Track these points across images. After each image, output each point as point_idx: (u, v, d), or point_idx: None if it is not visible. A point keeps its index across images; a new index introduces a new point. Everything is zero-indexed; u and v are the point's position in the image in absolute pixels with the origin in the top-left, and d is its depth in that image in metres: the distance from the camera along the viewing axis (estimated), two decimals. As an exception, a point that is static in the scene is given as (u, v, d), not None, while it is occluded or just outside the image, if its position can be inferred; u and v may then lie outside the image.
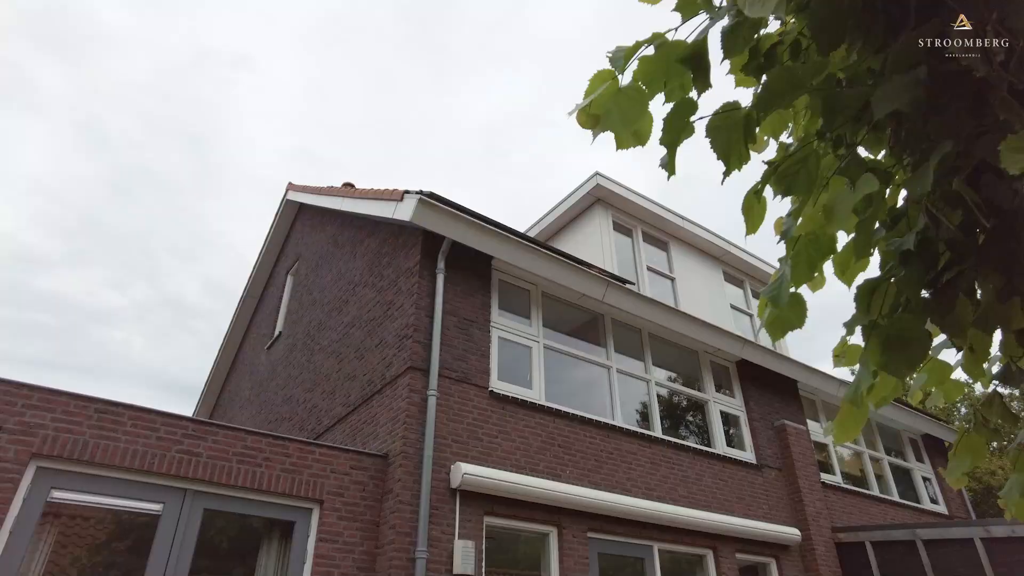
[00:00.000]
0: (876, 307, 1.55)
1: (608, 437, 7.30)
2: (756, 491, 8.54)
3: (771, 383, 9.87)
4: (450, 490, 5.80)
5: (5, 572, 4.23)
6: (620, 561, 6.98)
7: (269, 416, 9.73)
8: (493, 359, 6.83)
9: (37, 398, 4.73)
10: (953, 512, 12.19)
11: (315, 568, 5.28)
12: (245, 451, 5.36)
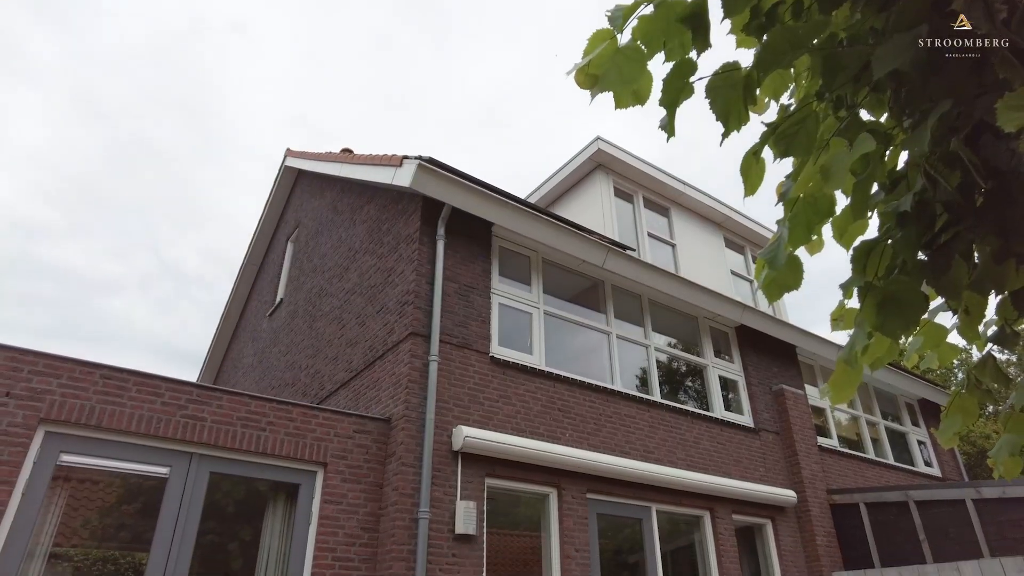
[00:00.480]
0: (872, 269, 1.56)
1: (607, 401, 7.39)
2: (753, 454, 8.68)
3: (770, 348, 9.94)
4: (452, 452, 5.91)
5: (19, 533, 4.34)
6: (619, 522, 7.14)
7: (272, 382, 9.83)
8: (494, 325, 6.88)
9: (43, 364, 4.78)
10: (947, 475, 12.40)
11: (320, 529, 5.40)
12: (249, 416, 5.44)
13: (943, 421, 2.29)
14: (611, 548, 7.15)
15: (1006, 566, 6.86)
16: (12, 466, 4.42)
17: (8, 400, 4.56)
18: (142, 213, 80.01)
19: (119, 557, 5.00)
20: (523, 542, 6.53)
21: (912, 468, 11.70)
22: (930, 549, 7.94)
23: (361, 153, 8.63)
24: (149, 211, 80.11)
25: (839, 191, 1.67)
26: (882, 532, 8.52)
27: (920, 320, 1.81)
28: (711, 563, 7.54)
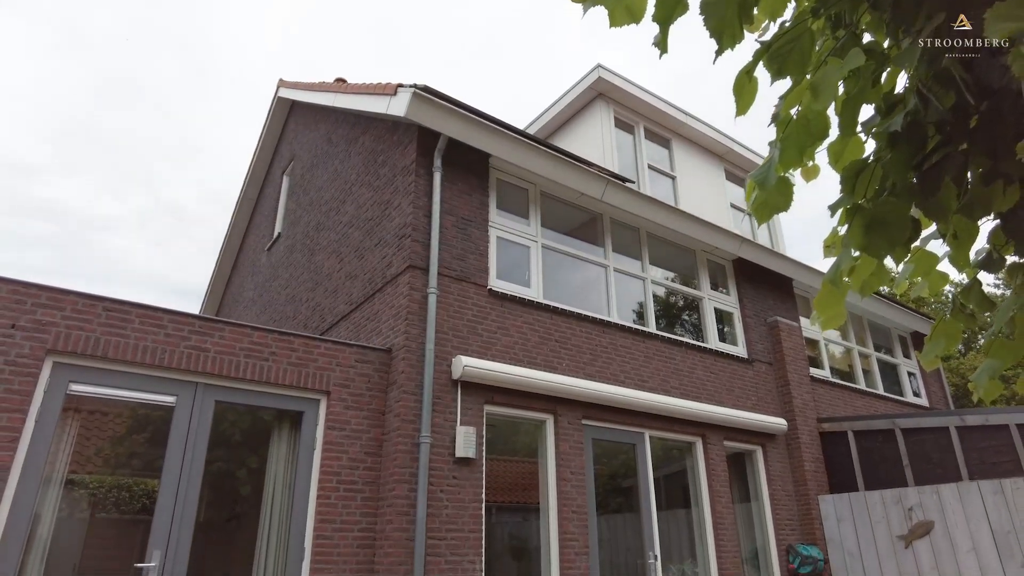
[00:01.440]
0: (861, 190, 1.57)
1: (604, 332, 7.52)
2: (746, 384, 8.89)
3: (767, 281, 10.02)
4: (451, 381, 6.06)
5: (35, 459, 4.51)
6: (614, 448, 7.40)
7: (273, 315, 9.95)
8: (492, 258, 6.91)
9: (46, 297, 4.84)
10: (934, 405, 12.74)
11: (324, 453, 5.61)
12: (252, 346, 5.54)
13: (927, 344, 2.36)
14: (606, 473, 7.44)
15: (983, 488, 7.16)
16: (23, 395, 4.55)
17: (14, 332, 4.65)
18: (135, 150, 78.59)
19: (132, 485, 5.21)
20: (521, 467, 6.79)
21: (901, 398, 12.01)
22: (912, 474, 8.27)
23: (355, 82, 8.43)
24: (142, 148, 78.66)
25: (834, 115, 1.66)
26: (868, 458, 8.83)
27: (906, 241, 1.84)
28: (702, 487, 7.86)
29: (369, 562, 5.48)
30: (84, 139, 79.31)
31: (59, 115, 76.84)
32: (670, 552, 7.45)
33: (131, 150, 76.90)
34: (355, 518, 5.55)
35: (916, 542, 7.54)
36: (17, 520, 4.34)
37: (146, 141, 79.63)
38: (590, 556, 6.38)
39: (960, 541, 7.18)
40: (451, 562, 5.48)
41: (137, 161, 75.70)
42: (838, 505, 8.41)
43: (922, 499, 7.61)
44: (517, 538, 6.75)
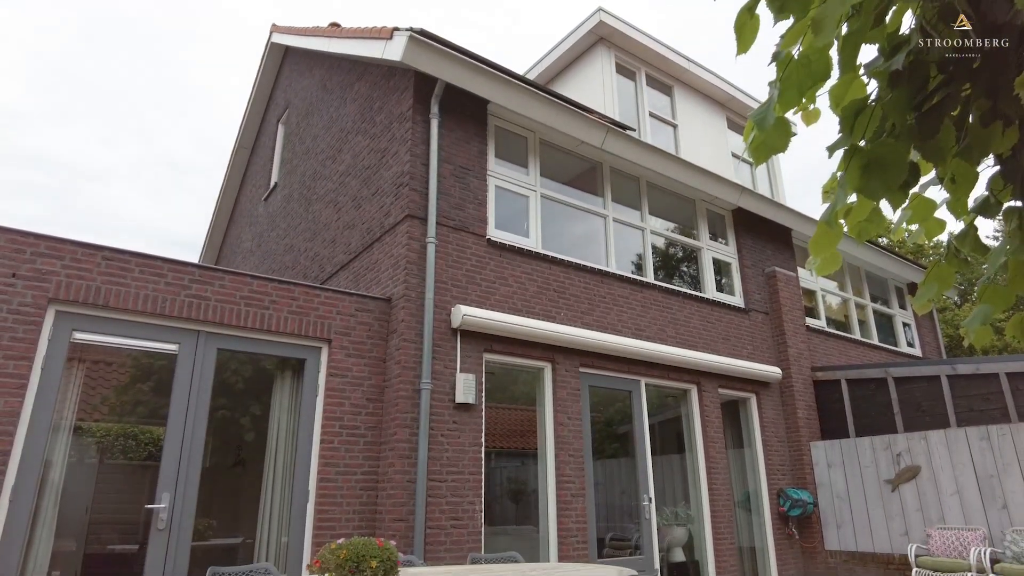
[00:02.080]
0: (860, 131, 1.57)
1: (601, 282, 7.56)
2: (742, 333, 8.99)
3: (766, 231, 10.01)
4: (451, 330, 6.13)
5: (43, 407, 4.60)
6: (610, 395, 7.54)
7: (272, 266, 9.97)
8: (490, 208, 6.88)
9: (44, 246, 4.84)
10: (927, 355, 12.91)
11: (327, 400, 5.72)
12: (251, 295, 5.58)
13: (920, 288, 2.38)
14: (602, 420, 7.61)
15: (969, 434, 7.34)
16: (28, 343, 4.60)
17: (15, 281, 4.67)
18: (127, 97, 76.95)
19: (138, 433, 5.33)
20: (520, 415, 6.94)
21: (895, 348, 12.17)
22: (903, 421, 8.45)
23: (349, 27, 8.21)
24: (134, 95, 76.98)
25: (836, 53, 1.64)
26: (860, 406, 9.02)
27: (903, 185, 1.85)
28: (696, 433, 8.04)
29: (372, 503, 5.66)
30: (73, 86, 77.53)
31: (47, 61, 74.94)
32: (664, 495, 7.68)
33: (122, 97, 75.29)
34: (358, 461, 5.70)
35: (903, 486, 7.78)
36: (29, 465, 4.46)
37: (137, 88, 77.87)
38: (586, 498, 6.58)
39: (945, 485, 7.40)
40: (451, 503, 5.66)
41: (129, 109, 74.20)
42: (829, 451, 8.63)
43: (910, 445, 7.81)
44: (516, 481, 6.95)
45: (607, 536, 7.14)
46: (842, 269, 11.73)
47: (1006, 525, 6.81)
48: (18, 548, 4.31)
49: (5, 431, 4.37)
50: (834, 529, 8.33)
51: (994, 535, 6.88)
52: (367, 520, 5.59)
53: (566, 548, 6.25)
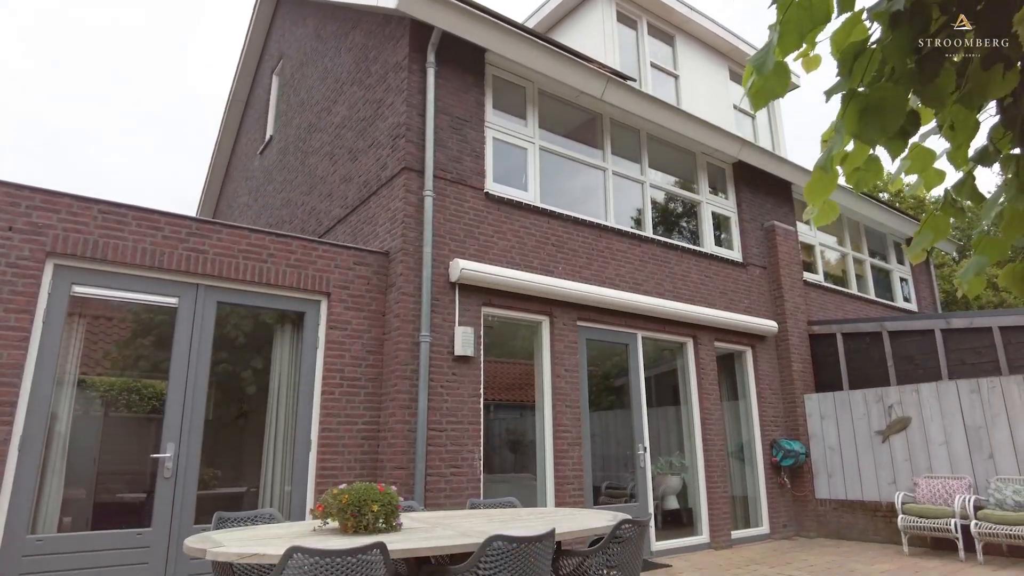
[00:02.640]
0: (858, 75, 1.55)
1: (600, 237, 7.55)
2: (739, 287, 9.03)
3: (765, 185, 9.94)
4: (449, 283, 6.15)
5: (46, 360, 4.65)
6: (607, 347, 7.62)
7: (270, 220, 9.92)
8: (488, 161, 6.82)
9: (40, 199, 4.81)
10: (923, 310, 12.99)
11: (327, 351, 5.78)
12: (250, 248, 5.58)
13: (915, 237, 2.38)
14: (599, 374, 7.71)
15: (960, 387, 7.46)
16: (28, 296, 4.62)
17: (12, 235, 4.66)
18: (115, 50, 75.04)
19: (141, 388, 5.39)
20: (518, 368, 7.02)
21: (891, 303, 12.24)
22: (896, 374, 8.57)
23: (343, -28, 7.97)
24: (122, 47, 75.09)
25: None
26: (854, 359, 9.13)
27: (901, 131, 1.83)
28: (691, 384, 8.16)
29: (373, 452, 5.79)
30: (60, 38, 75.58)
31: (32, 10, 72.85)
32: (659, 445, 7.85)
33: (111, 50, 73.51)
34: (359, 412, 5.81)
35: (893, 437, 7.94)
36: (35, 416, 4.54)
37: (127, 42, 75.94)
38: (583, 447, 6.73)
39: (934, 435, 7.56)
40: (451, 451, 5.79)
41: (119, 62, 72.56)
42: (822, 403, 8.78)
43: (902, 397, 7.94)
44: (514, 432, 7.08)
45: (603, 485, 7.32)
46: (841, 224, 11.70)
47: (991, 474, 6.99)
48: (30, 494, 4.43)
49: (10, 383, 4.43)
50: (825, 478, 8.54)
51: (979, 483, 7.06)
52: (368, 468, 5.72)
53: (563, 495, 6.42)
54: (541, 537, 2.86)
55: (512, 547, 2.77)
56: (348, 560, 2.50)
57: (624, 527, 3.27)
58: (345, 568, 2.50)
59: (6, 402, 4.39)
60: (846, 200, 10.95)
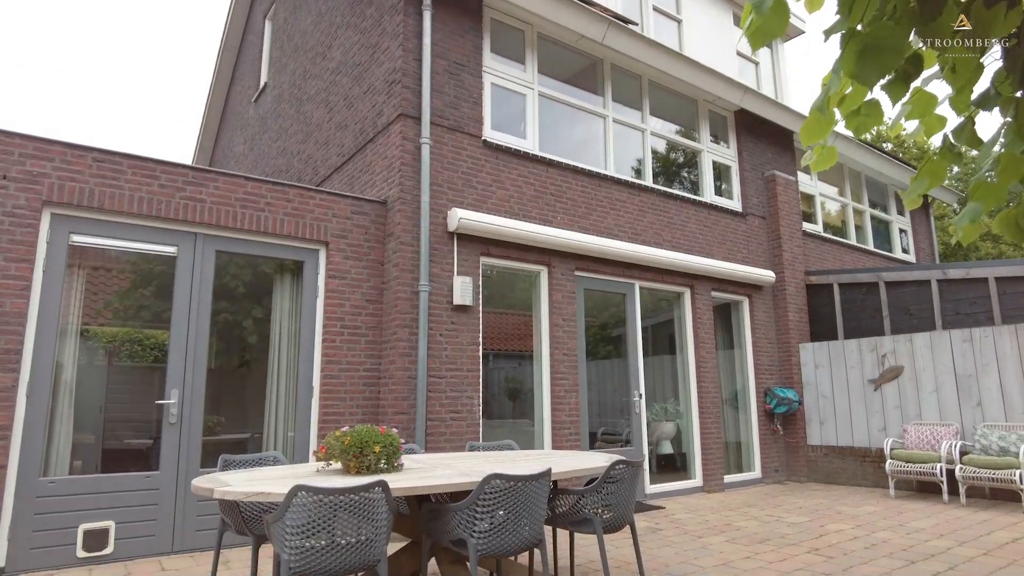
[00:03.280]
0: (858, 14, 1.53)
1: (599, 186, 7.50)
2: (738, 237, 9.03)
3: (767, 134, 9.82)
4: (448, 233, 6.15)
5: (49, 310, 4.69)
6: (605, 297, 7.68)
7: (266, 169, 9.83)
8: (486, 107, 6.71)
9: (33, 147, 4.76)
10: (921, 261, 13.01)
11: (327, 300, 5.83)
12: (247, 197, 5.56)
13: (912, 183, 2.39)
14: (596, 324, 7.78)
15: (953, 336, 7.55)
16: (27, 245, 4.63)
17: (7, 183, 4.63)
18: None
19: (143, 338, 5.44)
20: (516, 319, 7.09)
21: (889, 254, 12.25)
22: (890, 324, 8.66)
23: (335, -91, 7.67)
24: None
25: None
26: (850, 309, 9.20)
27: (902, 73, 1.82)
28: (687, 334, 8.26)
29: (375, 398, 5.90)
30: (45, -20, 72.89)
31: (13, -49, 69.98)
32: (654, 392, 8.00)
33: None
34: (360, 359, 5.90)
35: (885, 385, 8.09)
36: (41, 365, 4.61)
37: None
38: (579, 394, 6.86)
39: (925, 383, 7.70)
40: (451, 397, 5.91)
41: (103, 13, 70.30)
42: (817, 352, 8.90)
43: (896, 346, 8.05)
44: (513, 381, 7.20)
45: (599, 431, 7.49)
46: (842, 174, 11.60)
47: (979, 421, 7.15)
48: (40, 439, 4.54)
49: (14, 331, 4.49)
50: (817, 425, 8.74)
51: (966, 430, 7.24)
52: (370, 413, 5.85)
53: (559, 440, 6.58)
54: (537, 476, 2.96)
55: (509, 485, 2.87)
56: (351, 498, 2.59)
57: (618, 468, 3.37)
58: (348, 505, 2.59)
59: (11, 350, 4.46)
60: (848, 150, 10.84)
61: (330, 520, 2.57)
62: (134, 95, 62.61)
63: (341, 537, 2.60)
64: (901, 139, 19.95)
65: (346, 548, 2.61)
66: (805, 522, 5.97)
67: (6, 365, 4.43)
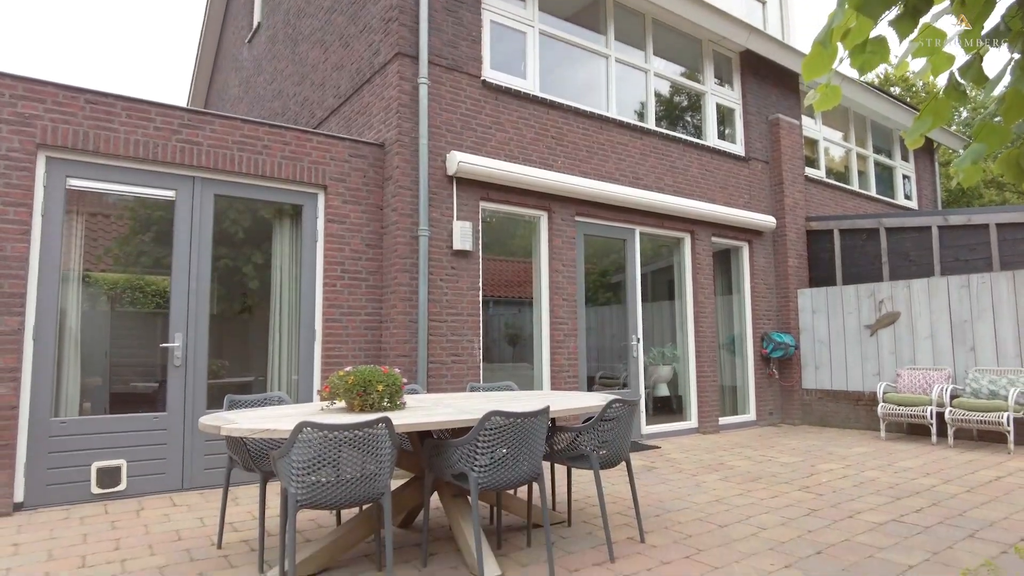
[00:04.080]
0: (868, -59, 1.48)
1: (601, 129, 7.39)
2: (740, 182, 8.96)
3: (772, 75, 9.61)
4: (447, 177, 6.10)
5: (49, 255, 4.70)
6: (605, 242, 7.68)
7: (262, 112, 9.67)
8: (485, 46, 6.55)
9: (24, 88, 4.67)
10: (923, 208, 12.93)
11: (327, 244, 5.84)
12: (244, 139, 5.49)
13: (915, 121, 2.36)
14: (596, 271, 7.81)
15: (951, 282, 7.59)
16: (24, 189, 4.60)
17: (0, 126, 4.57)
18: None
19: (144, 284, 5.46)
20: (516, 266, 7.10)
21: (892, 201, 12.17)
22: (889, 270, 8.68)
23: None
24: (91, -79, 69.40)
25: None
26: (849, 255, 9.21)
27: (911, 8, 1.77)
28: (686, 279, 8.29)
29: (377, 341, 5.98)
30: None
31: None
32: (652, 337, 8.09)
33: (80, -74, 68.04)
34: (361, 303, 5.95)
35: (881, 331, 8.18)
36: (45, 309, 4.66)
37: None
38: (578, 338, 6.95)
39: (920, 329, 7.79)
40: (452, 340, 5.99)
41: (89, -60, 67.46)
42: (815, 298, 8.96)
43: (893, 292, 8.10)
44: (513, 326, 7.27)
45: (597, 375, 7.62)
46: (847, 118, 11.41)
47: (971, 366, 7.26)
48: (49, 381, 4.63)
49: (17, 275, 4.51)
50: (812, 370, 8.88)
51: (958, 375, 7.36)
52: (372, 356, 5.94)
53: (558, 382, 6.70)
54: (536, 413, 3.03)
55: (509, 422, 2.95)
56: (356, 433, 2.67)
57: (614, 406, 3.45)
58: (353, 441, 2.67)
59: (15, 294, 4.49)
60: (855, 93, 10.63)
61: (335, 455, 2.65)
62: (124, 36, 60.78)
63: (346, 472, 2.69)
64: (909, 82, 19.53)
65: (351, 482, 2.70)
66: (797, 462, 6.14)
67: (11, 308, 4.47)
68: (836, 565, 3.24)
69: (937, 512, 4.25)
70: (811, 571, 3.16)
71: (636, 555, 3.42)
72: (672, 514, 4.27)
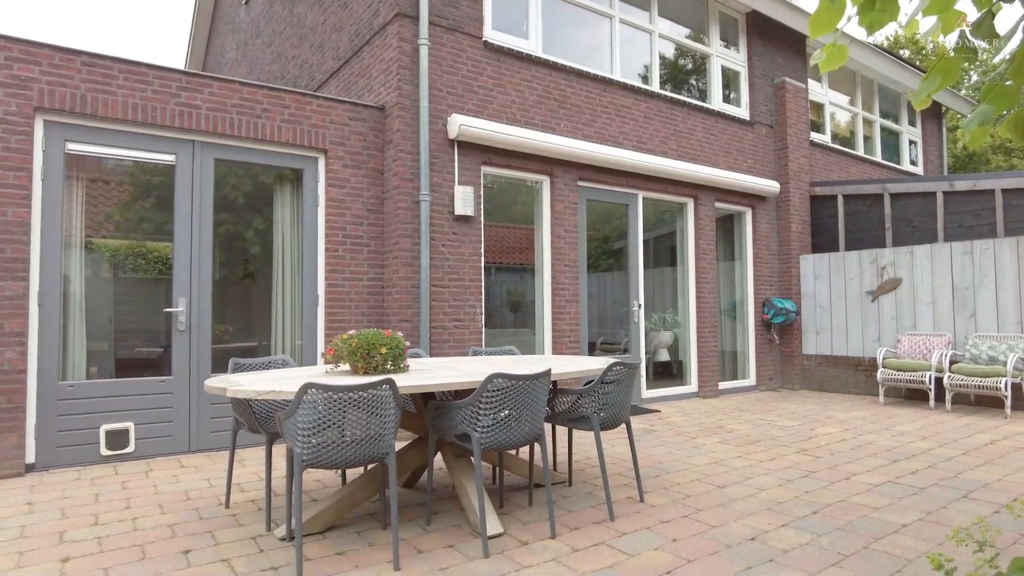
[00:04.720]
0: None
1: (604, 92, 7.29)
2: (744, 146, 8.86)
3: (779, 37, 9.42)
4: (448, 140, 6.04)
5: (51, 221, 4.69)
6: (607, 208, 7.64)
7: (261, 75, 9.53)
8: (487, 5, 6.42)
9: (19, 51, 4.61)
10: (929, 173, 12.81)
11: (328, 210, 5.82)
12: (243, 102, 5.43)
13: (922, 82, 2.32)
14: (598, 238, 7.78)
15: (953, 249, 7.56)
16: (23, 153, 4.58)
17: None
18: None
19: (146, 251, 5.46)
20: (518, 233, 7.08)
21: (897, 166, 12.05)
22: (892, 236, 8.65)
23: None
24: None
25: None
26: (853, 221, 9.17)
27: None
28: (689, 245, 8.28)
29: (380, 306, 6.01)
30: None
31: None
32: (654, 303, 8.12)
33: None
34: (363, 268, 5.96)
35: (882, 297, 8.18)
36: (49, 275, 4.67)
37: None
38: (579, 303, 6.97)
39: (922, 295, 7.79)
40: (454, 306, 6.01)
41: None
42: (817, 264, 8.95)
43: (896, 258, 8.08)
44: (515, 293, 7.29)
45: (598, 340, 7.67)
46: (854, 82, 11.22)
47: (972, 332, 7.29)
48: (56, 345, 4.68)
49: (19, 240, 4.52)
50: (813, 336, 8.92)
51: (958, 341, 7.39)
52: (375, 320, 5.98)
53: (560, 347, 6.75)
54: (538, 375, 3.07)
55: (511, 384, 2.98)
56: (360, 395, 2.70)
57: (615, 369, 3.49)
58: (357, 402, 2.71)
59: (18, 259, 4.51)
60: (863, 56, 10.43)
61: (340, 416, 2.69)
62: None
63: (351, 433, 2.73)
64: (920, 44, 19.15)
65: (356, 442, 2.75)
66: (796, 426, 6.22)
67: (15, 274, 4.49)
68: (832, 524, 3.31)
69: (932, 474, 4.32)
70: (807, 530, 3.23)
71: (635, 514, 3.49)
72: (671, 475, 4.35)
